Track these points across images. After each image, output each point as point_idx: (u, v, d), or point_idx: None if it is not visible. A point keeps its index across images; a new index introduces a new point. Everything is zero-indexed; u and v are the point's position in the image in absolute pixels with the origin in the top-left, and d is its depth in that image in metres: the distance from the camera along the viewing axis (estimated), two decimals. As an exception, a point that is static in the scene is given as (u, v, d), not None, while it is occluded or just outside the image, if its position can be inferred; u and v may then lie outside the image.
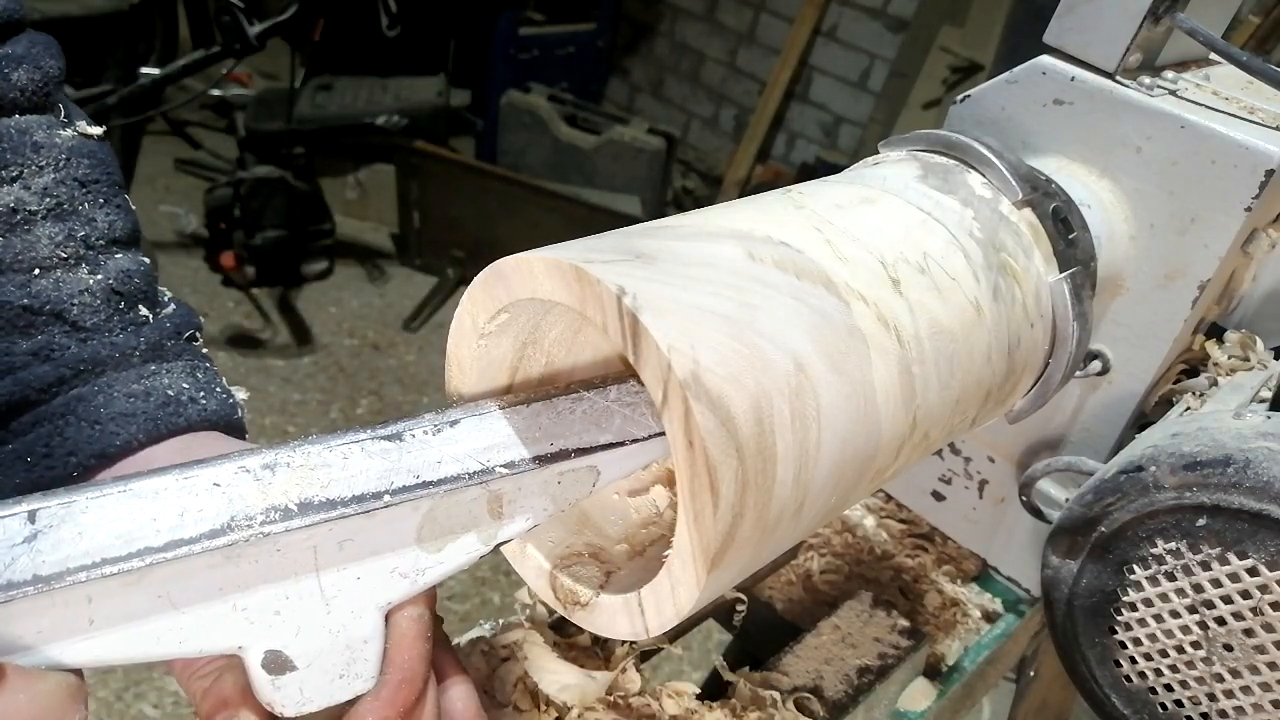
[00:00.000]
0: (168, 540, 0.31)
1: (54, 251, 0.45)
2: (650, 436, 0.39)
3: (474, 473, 0.36)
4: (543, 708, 0.55)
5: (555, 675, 0.55)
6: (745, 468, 0.33)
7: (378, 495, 0.34)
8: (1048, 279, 0.53)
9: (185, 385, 0.46)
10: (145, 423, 0.44)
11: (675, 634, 0.63)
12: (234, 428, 0.49)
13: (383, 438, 0.36)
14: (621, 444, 0.39)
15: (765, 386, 0.35)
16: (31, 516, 0.30)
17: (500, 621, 0.60)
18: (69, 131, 0.48)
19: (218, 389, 0.48)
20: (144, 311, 0.48)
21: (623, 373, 0.39)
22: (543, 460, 0.38)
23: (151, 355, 0.47)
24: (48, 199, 0.46)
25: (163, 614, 0.32)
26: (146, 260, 0.50)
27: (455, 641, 0.60)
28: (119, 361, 0.46)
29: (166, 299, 0.50)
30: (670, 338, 0.33)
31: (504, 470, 0.37)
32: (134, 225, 0.50)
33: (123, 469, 0.44)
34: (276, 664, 0.35)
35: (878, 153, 0.59)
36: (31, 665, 0.30)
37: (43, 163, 0.46)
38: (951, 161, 0.55)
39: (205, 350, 0.51)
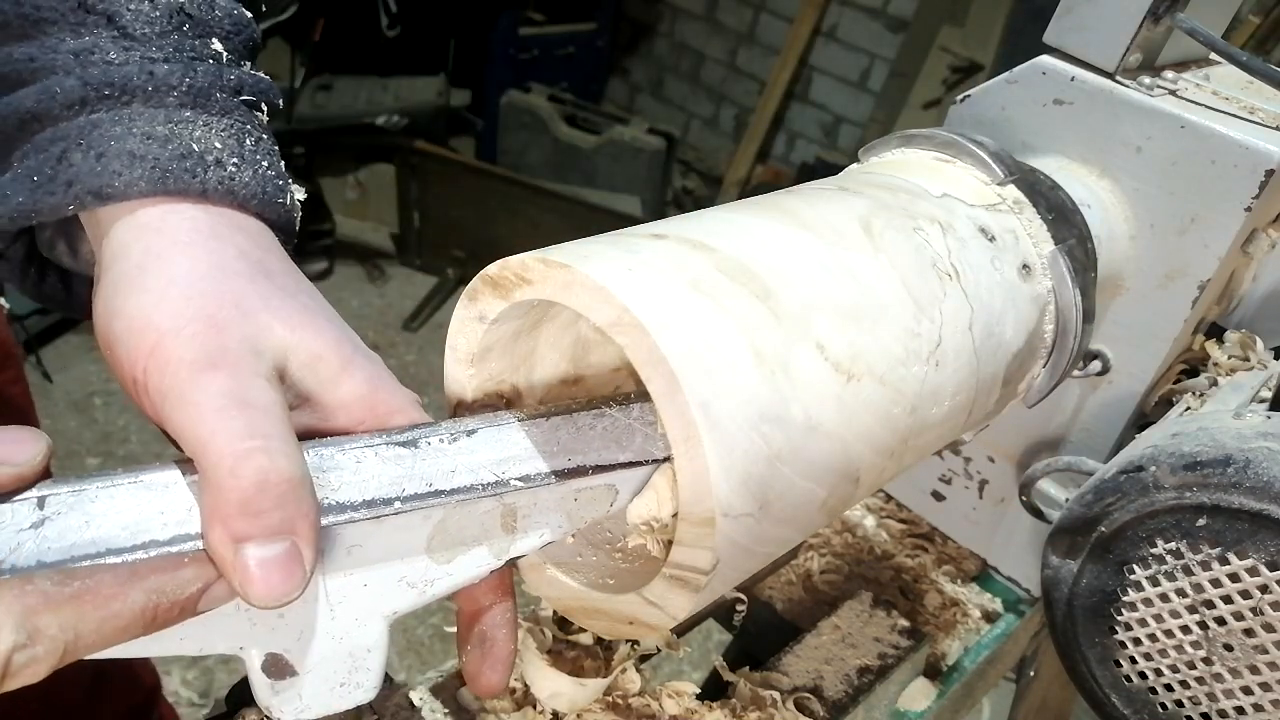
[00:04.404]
0: (173, 535, 0.31)
1: None
2: (671, 458, 0.38)
3: (488, 484, 0.36)
4: (538, 708, 0.55)
5: (546, 682, 0.55)
6: (696, 355, 0.34)
7: (388, 501, 0.34)
8: (1043, 251, 0.53)
9: (219, 145, 0.39)
10: (152, 170, 0.37)
11: (676, 633, 0.63)
12: (278, 220, 0.41)
13: (397, 443, 0.36)
14: (641, 463, 0.38)
15: (717, 320, 0.35)
16: (41, 502, 0.30)
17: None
18: None
19: (266, 165, 0.40)
20: (215, 46, 0.41)
21: (645, 391, 0.39)
22: (560, 475, 0.37)
23: (193, 100, 0.39)
24: None
25: None
26: (251, 19, 0.43)
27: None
28: (151, 95, 0.39)
29: (257, 73, 0.43)
30: (604, 272, 0.33)
31: (519, 483, 0.36)
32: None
33: (125, 226, 0.37)
34: (277, 668, 0.35)
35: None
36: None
37: None
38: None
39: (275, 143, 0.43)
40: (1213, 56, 0.66)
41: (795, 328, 0.37)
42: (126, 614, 0.29)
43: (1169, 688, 0.49)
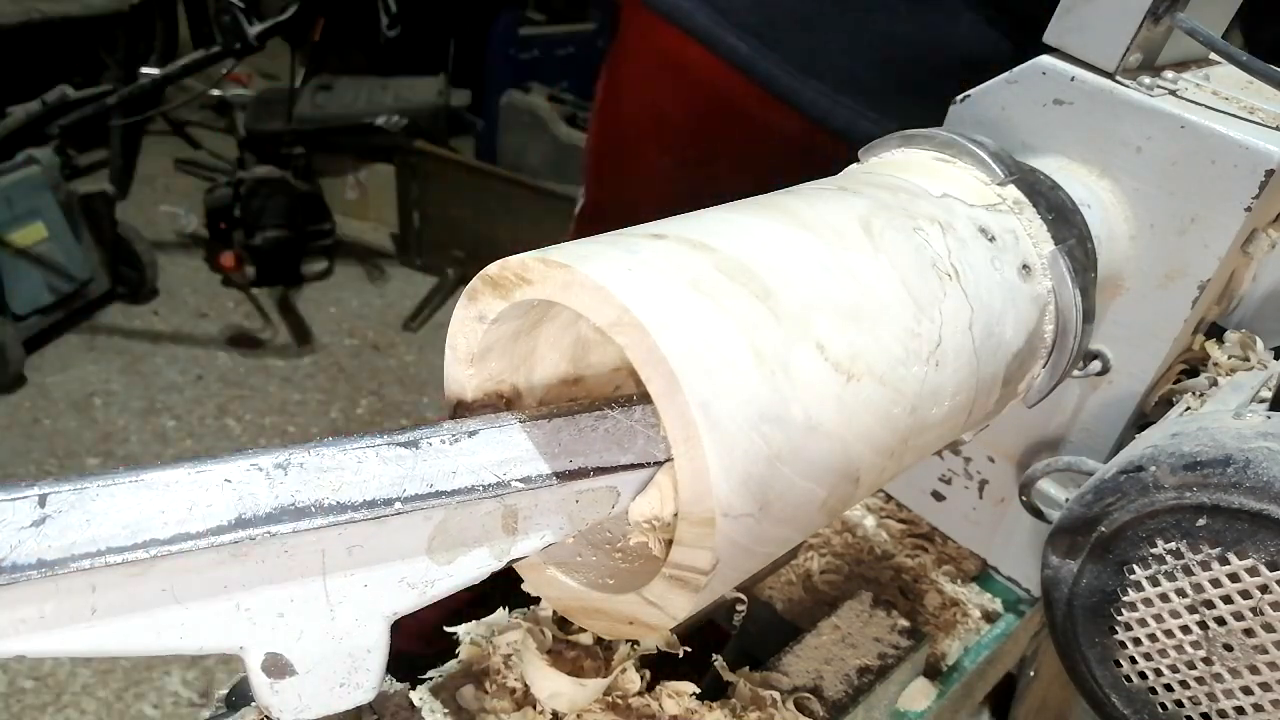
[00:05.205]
0: (174, 534, 0.31)
1: None
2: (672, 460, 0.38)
3: (489, 485, 0.36)
4: (538, 708, 0.55)
5: (546, 682, 0.55)
6: (695, 349, 0.34)
7: (389, 502, 0.34)
8: (1043, 251, 0.53)
9: None
10: None
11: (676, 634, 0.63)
12: None
13: (399, 444, 0.36)
14: (643, 465, 0.38)
15: (717, 320, 0.35)
16: (42, 501, 0.30)
17: (504, 611, 0.60)
18: None
19: None
20: None
21: (647, 392, 0.39)
22: (561, 477, 0.37)
23: None
24: None
25: (165, 608, 0.32)
26: None
27: (453, 634, 0.60)
28: None
29: None
30: (604, 272, 0.33)
31: (520, 485, 0.36)
32: None
33: None
34: (276, 667, 0.35)
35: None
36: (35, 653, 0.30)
37: None
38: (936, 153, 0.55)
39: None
40: (1213, 56, 0.66)
41: (795, 328, 0.37)
42: None
43: (1169, 688, 0.49)
